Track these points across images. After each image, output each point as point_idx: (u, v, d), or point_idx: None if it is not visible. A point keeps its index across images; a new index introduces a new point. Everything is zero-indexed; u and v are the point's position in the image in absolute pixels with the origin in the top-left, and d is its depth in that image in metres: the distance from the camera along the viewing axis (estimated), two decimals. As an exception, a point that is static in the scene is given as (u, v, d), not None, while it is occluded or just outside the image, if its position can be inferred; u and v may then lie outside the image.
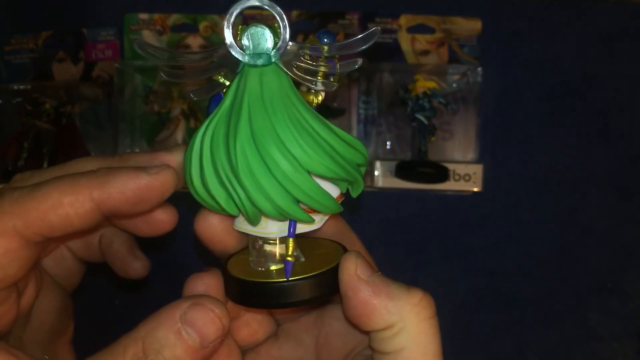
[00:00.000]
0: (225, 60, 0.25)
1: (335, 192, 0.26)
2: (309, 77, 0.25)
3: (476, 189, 0.61)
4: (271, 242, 0.27)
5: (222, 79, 0.25)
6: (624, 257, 0.63)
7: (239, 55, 0.24)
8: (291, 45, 0.24)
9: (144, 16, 0.63)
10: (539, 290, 0.63)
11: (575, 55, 0.63)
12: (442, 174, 0.60)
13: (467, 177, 0.61)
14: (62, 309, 0.32)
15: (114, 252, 0.32)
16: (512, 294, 0.63)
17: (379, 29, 0.24)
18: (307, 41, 0.25)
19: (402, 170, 0.60)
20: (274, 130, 0.23)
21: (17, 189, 0.24)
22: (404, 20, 0.63)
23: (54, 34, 0.64)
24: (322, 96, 0.26)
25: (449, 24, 0.63)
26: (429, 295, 0.25)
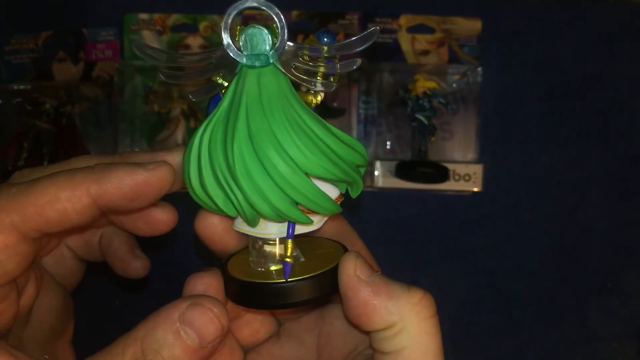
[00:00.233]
0: (223, 61, 0.25)
1: (334, 193, 0.26)
2: (307, 78, 0.25)
3: (476, 189, 0.61)
4: (271, 243, 0.27)
5: (220, 80, 0.25)
6: (624, 257, 0.63)
7: (237, 56, 0.24)
8: (290, 45, 0.24)
9: (144, 16, 0.63)
10: (539, 290, 0.63)
11: (575, 55, 0.63)
12: (442, 174, 0.60)
13: (467, 177, 0.61)
14: (62, 309, 0.32)
15: (114, 251, 0.32)
16: (512, 294, 0.63)
17: (378, 29, 0.24)
18: (306, 41, 0.25)
19: (402, 170, 0.60)
20: (272, 131, 0.23)
21: (15, 184, 0.24)
22: (404, 20, 0.63)
23: (54, 34, 0.64)
24: (322, 96, 0.26)
25: (449, 24, 0.63)
26: (429, 294, 0.25)
